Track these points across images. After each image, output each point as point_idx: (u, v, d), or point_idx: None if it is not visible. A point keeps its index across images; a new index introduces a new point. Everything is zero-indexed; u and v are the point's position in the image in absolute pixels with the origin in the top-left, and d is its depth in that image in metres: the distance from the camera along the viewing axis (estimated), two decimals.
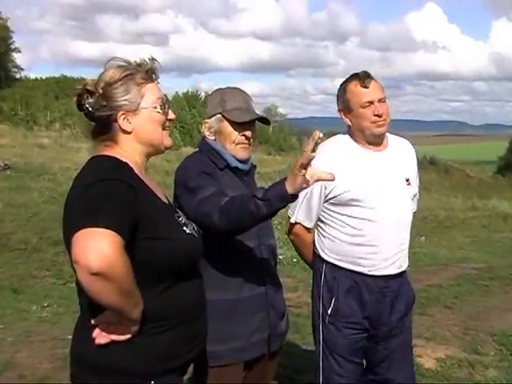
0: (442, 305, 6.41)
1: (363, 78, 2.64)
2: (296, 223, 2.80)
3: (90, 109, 1.83)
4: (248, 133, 2.44)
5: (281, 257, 5.75)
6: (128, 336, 1.70)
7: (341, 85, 2.73)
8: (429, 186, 21.08)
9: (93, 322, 1.71)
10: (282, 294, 2.58)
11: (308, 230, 2.83)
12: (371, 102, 2.63)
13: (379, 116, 2.63)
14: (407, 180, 2.75)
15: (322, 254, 2.75)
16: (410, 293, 2.88)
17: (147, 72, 1.87)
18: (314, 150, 1.87)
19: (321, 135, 1.86)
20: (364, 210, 2.63)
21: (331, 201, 2.68)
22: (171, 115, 1.94)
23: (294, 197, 1.98)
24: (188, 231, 1.86)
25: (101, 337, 1.70)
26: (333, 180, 2.02)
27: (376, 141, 2.71)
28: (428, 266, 8.65)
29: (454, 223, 14.03)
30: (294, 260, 6.93)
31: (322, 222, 2.76)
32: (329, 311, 2.71)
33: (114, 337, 1.69)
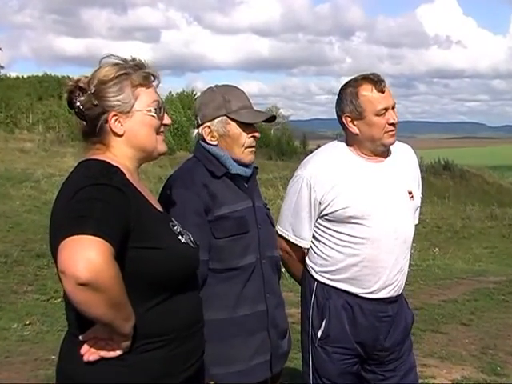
0: (458, 321, 6.42)
1: (378, 81, 2.58)
2: (285, 238, 2.77)
3: (80, 107, 1.85)
4: (257, 134, 2.44)
5: (283, 269, 5.72)
6: (118, 352, 1.71)
7: (347, 87, 2.64)
8: (443, 193, 21.09)
9: (81, 337, 1.72)
10: (283, 310, 2.57)
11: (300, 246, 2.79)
12: (386, 109, 2.59)
13: (393, 125, 2.60)
14: (410, 193, 2.71)
15: (313, 273, 2.73)
16: (409, 316, 2.86)
17: (146, 77, 1.89)
18: None
19: None
20: (363, 228, 2.60)
21: (327, 217, 2.64)
22: (167, 120, 1.96)
23: None
24: (183, 241, 1.88)
25: (89, 353, 1.71)
26: None
27: (383, 151, 2.68)
28: (442, 279, 8.67)
29: (470, 233, 14.06)
30: None
31: (315, 238, 2.72)
32: (319, 334, 2.69)
33: (104, 353, 1.70)
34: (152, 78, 1.93)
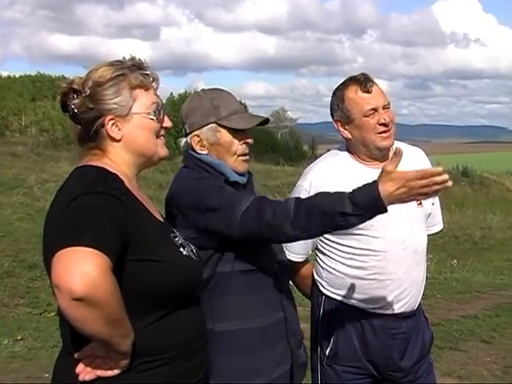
0: (478, 339, 6.39)
1: (364, 81, 2.60)
2: None
3: (75, 111, 1.86)
4: (250, 140, 2.41)
5: (290, 282, 5.71)
6: (116, 371, 1.70)
7: (335, 91, 2.69)
8: (461, 201, 21.04)
9: (76, 355, 1.72)
10: (298, 317, 2.56)
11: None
12: (375, 110, 2.58)
13: (385, 125, 2.58)
14: (417, 199, 2.72)
15: (321, 287, 2.74)
16: (427, 333, 2.83)
17: (145, 78, 1.89)
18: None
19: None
20: (367, 239, 2.60)
21: None
22: (167, 123, 1.97)
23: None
24: (185, 253, 1.88)
25: (85, 372, 1.70)
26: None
27: (381, 155, 2.66)
28: (461, 293, 8.64)
29: (490, 244, 14.01)
30: None
31: (320, 251, 2.74)
32: (326, 352, 2.69)
33: (101, 372, 1.70)
34: (151, 79, 1.93)
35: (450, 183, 1.90)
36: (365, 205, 1.99)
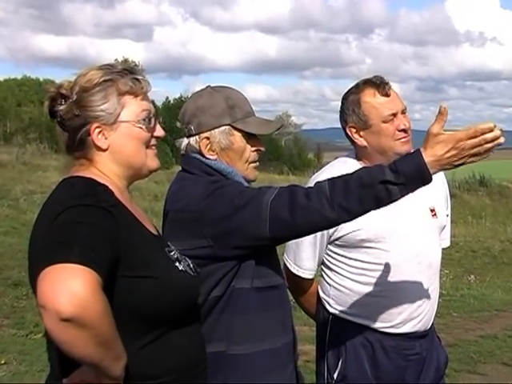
0: (498, 361, 6.37)
1: (382, 84, 2.60)
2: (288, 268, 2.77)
3: (62, 117, 1.86)
4: (262, 148, 2.34)
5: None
6: None
7: (348, 95, 2.68)
8: (479, 213, 21.00)
9: (65, 381, 1.71)
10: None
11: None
12: (394, 115, 2.59)
13: (405, 131, 2.59)
14: (432, 210, 2.71)
15: (327, 306, 2.74)
16: (442, 354, 2.83)
17: (134, 84, 1.88)
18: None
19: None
20: (379, 252, 2.60)
21: (337, 242, 2.65)
22: (158, 132, 1.96)
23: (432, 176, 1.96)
24: (181, 268, 1.87)
25: None
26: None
27: None
28: (479, 311, 8.61)
29: (511, 258, 13.96)
30: None
31: (327, 266, 2.74)
32: (334, 376, 2.68)
33: None
34: (142, 85, 1.92)
35: (502, 139, 1.88)
36: (407, 172, 1.94)
